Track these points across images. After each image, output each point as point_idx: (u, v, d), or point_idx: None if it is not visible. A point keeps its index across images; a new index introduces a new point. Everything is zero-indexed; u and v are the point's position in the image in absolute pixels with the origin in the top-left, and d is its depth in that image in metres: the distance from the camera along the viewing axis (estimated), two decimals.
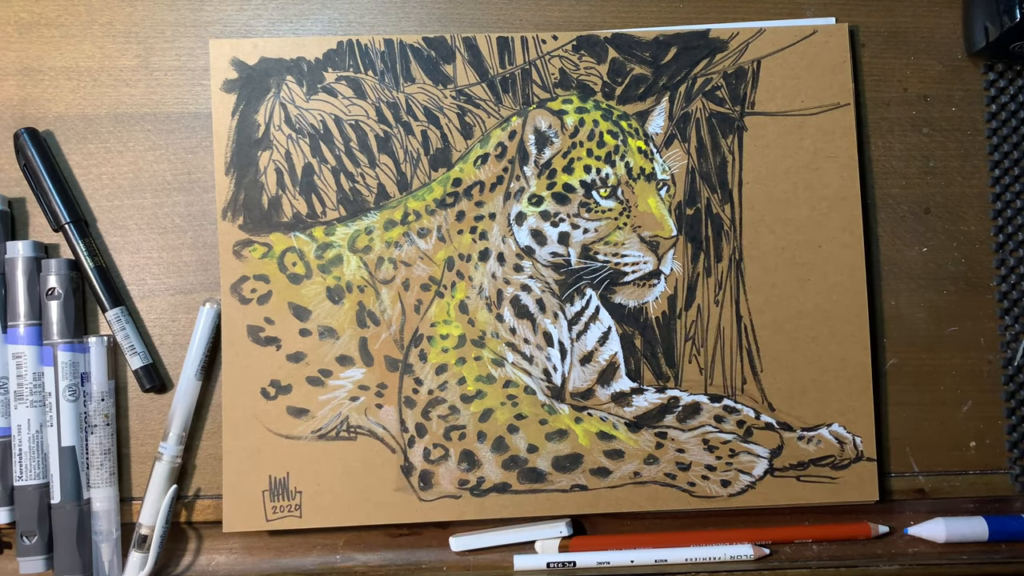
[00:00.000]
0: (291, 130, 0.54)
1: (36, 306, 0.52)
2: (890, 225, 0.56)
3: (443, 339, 0.53)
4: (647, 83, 0.55)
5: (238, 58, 0.54)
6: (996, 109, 0.57)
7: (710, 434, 0.54)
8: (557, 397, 0.54)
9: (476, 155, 0.54)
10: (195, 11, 0.56)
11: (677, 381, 0.54)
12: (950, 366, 0.56)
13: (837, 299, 0.54)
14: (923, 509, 0.56)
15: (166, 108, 0.55)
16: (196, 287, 0.55)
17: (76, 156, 0.55)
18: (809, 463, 0.54)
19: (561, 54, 0.55)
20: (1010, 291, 0.56)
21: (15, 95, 0.55)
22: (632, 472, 0.53)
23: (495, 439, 0.53)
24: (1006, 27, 0.52)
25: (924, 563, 0.53)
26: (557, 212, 0.54)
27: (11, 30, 0.55)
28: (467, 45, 0.55)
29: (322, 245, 0.53)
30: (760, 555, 0.54)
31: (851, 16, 0.57)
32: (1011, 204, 0.56)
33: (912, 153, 0.57)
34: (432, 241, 0.54)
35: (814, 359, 0.54)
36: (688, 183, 0.55)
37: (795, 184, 0.55)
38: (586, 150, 0.54)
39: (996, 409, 0.56)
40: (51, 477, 0.52)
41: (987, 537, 0.54)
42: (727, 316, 0.54)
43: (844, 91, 0.55)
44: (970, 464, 0.56)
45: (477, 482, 0.53)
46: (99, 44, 0.55)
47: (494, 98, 0.55)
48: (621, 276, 0.54)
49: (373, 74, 0.54)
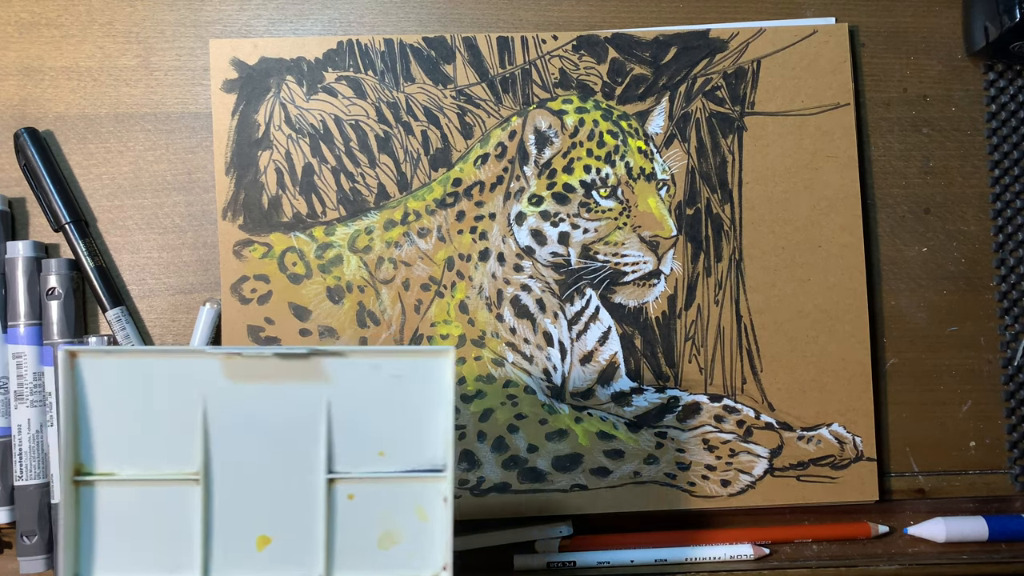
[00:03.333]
0: (291, 130, 0.54)
1: (36, 306, 0.52)
2: (890, 225, 0.56)
3: (443, 339, 0.54)
4: (647, 83, 0.55)
5: (238, 58, 0.54)
6: (996, 109, 0.57)
7: (710, 434, 0.54)
8: (557, 397, 0.54)
9: (476, 155, 0.54)
10: (195, 11, 0.56)
11: (677, 381, 0.54)
12: (950, 366, 0.56)
13: (837, 299, 0.55)
14: (923, 509, 0.56)
15: (166, 108, 0.55)
16: (196, 287, 0.55)
17: (76, 156, 0.55)
18: (809, 463, 0.54)
19: (561, 54, 0.55)
20: (1010, 291, 0.56)
21: (15, 95, 0.55)
22: (632, 472, 0.53)
23: (495, 439, 0.53)
24: (1006, 27, 0.52)
25: (924, 563, 0.53)
26: (557, 212, 0.54)
27: (11, 30, 0.55)
28: (467, 45, 0.55)
29: (322, 245, 0.53)
30: (760, 555, 0.54)
31: (851, 16, 0.57)
32: (1011, 204, 0.56)
33: (912, 153, 0.57)
34: (432, 241, 0.54)
35: (814, 359, 0.54)
36: (688, 183, 0.55)
37: (795, 184, 0.55)
38: (586, 150, 0.54)
39: (996, 409, 0.56)
40: (51, 477, 0.52)
41: (987, 537, 0.54)
42: (727, 316, 0.54)
43: (844, 91, 0.55)
44: (970, 464, 0.56)
45: (477, 482, 0.53)
46: (99, 44, 0.55)
47: (494, 98, 0.55)
48: (621, 276, 0.54)
49: (373, 74, 0.54)
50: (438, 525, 0.40)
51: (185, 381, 0.38)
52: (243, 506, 0.39)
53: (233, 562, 0.39)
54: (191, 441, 0.39)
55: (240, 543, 0.39)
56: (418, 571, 0.40)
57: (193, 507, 0.39)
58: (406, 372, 0.39)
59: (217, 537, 0.39)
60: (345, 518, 0.39)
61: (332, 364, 0.39)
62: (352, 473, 0.39)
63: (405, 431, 0.39)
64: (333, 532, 0.39)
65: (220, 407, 0.39)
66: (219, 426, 0.39)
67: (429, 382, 0.39)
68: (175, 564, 0.39)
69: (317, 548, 0.39)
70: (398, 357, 0.39)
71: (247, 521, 0.39)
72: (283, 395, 0.39)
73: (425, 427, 0.39)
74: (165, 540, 0.39)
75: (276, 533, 0.39)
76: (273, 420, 0.39)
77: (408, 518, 0.40)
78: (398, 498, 0.39)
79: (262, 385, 0.39)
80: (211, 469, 0.39)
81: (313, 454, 0.39)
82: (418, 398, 0.39)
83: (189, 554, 0.39)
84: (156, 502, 0.39)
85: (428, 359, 0.39)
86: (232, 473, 0.39)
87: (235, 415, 0.39)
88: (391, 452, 0.39)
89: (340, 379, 0.39)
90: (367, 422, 0.39)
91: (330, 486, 0.39)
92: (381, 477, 0.39)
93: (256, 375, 0.39)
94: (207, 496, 0.39)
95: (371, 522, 0.39)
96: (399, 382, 0.39)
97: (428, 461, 0.40)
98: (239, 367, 0.39)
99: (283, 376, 0.39)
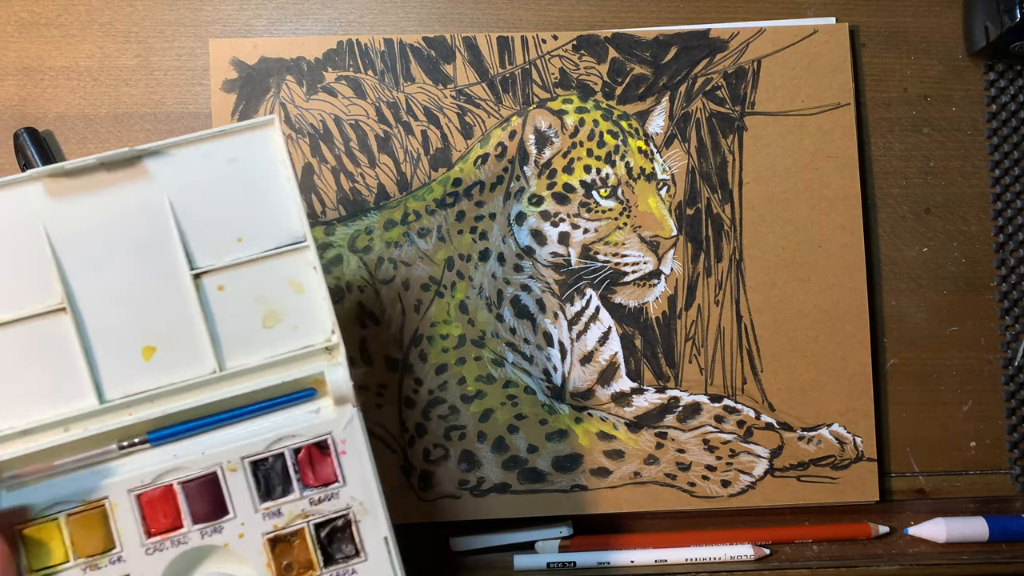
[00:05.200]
0: (291, 130, 0.54)
1: None
2: (890, 225, 0.56)
3: (443, 339, 0.53)
4: (647, 83, 0.55)
5: (238, 58, 0.54)
6: (996, 109, 0.57)
7: (710, 434, 0.54)
8: (557, 397, 0.54)
9: (476, 155, 0.54)
10: (195, 11, 0.56)
11: (677, 381, 0.54)
12: (950, 366, 0.56)
13: (837, 299, 0.54)
14: (923, 509, 0.56)
15: (166, 108, 0.55)
16: None
17: (76, 156, 0.55)
18: (809, 463, 0.54)
19: (561, 54, 0.55)
20: (1010, 291, 0.56)
21: (15, 95, 0.55)
22: (632, 472, 0.53)
23: (495, 439, 0.53)
24: (1006, 27, 0.52)
25: (924, 563, 0.53)
26: (557, 212, 0.54)
27: (11, 30, 0.55)
28: (467, 45, 0.55)
29: (322, 245, 0.53)
30: (760, 555, 0.54)
31: (851, 16, 0.57)
32: (1011, 204, 0.56)
33: (912, 153, 0.57)
34: (432, 241, 0.54)
35: (814, 359, 0.54)
36: (688, 183, 0.55)
37: (795, 184, 0.55)
38: (586, 150, 0.54)
39: (996, 409, 0.56)
40: None
41: (987, 537, 0.54)
42: (727, 316, 0.54)
43: (844, 91, 0.55)
44: (970, 464, 0.56)
45: (477, 482, 0.53)
46: (99, 44, 0.55)
47: (494, 98, 0.55)
48: (621, 276, 0.54)
49: (373, 74, 0.54)
50: (315, 294, 0.40)
51: (20, 213, 0.38)
52: (117, 322, 0.39)
53: (125, 378, 0.39)
54: (46, 272, 0.38)
55: (126, 359, 0.39)
56: (308, 340, 0.40)
57: (68, 336, 0.38)
58: (238, 154, 0.39)
59: (101, 359, 0.39)
60: (221, 309, 0.39)
61: (161, 162, 0.39)
62: (215, 264, 0.39)
63: (256, 213, 0.39)
64: (213, 325, 0.39)
65: (64, 230, 0.38)
66: (69, 250, 0.38)
67: (264, 158, 0.39)
68: (68, 395, 0.39)
69: (203, 344, 0.39)
70: (222, 139, 0.39)
71: (126, 336, 0.39)
72: (123, 204, 0.38)
73: (274, 204, 0.39)
74: (52, 375, 0.38)
75: (158, 341, 0.39)
76: (123, 231, 0.39)
77: (284, 293, 0.40)
78: (268, 278, 0.40)
79: (99, 198, 0.38)
80: (74, 295, 0.38)
81: (172, 255, 0.39)
82: (259, 178, 0.39)
83: (79, 381, 0.39)
84: (31, 341, 0.38)
85: (254, 133, 0.39)
86: (97, 293, 0.39)
87: (83, 235, 0.38)
88: (248, 236, 0.39)
89: (175, 175, 0.39)
90: (217, 212, 0.39)
91: (197, 281, 0.39)
92: (244, 261, 0.39)
93: (89, 189, 0.38)
94: (78, 322, 0.38)
95: (248, 307, 0.39)
96: (235, 166, 0.39)
97: (288, 236, 0.40)
98: (69, 186, 0.38)
99: (117, 184, 0.38)
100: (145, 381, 0.39)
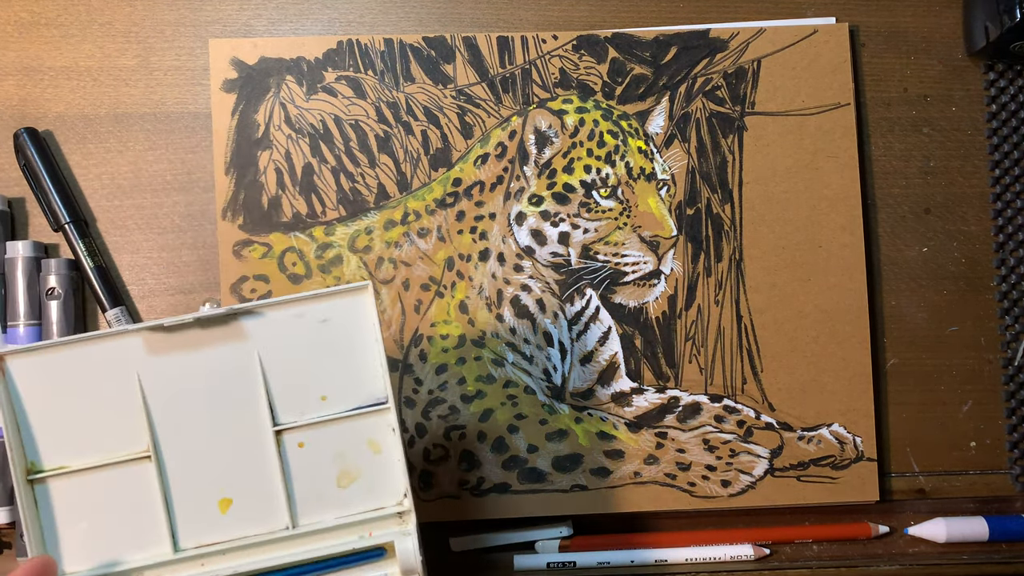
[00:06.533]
0: (291, 130, 0.54)
1: (36, 306, 0.52)
2: (890, 225, 0.56)
3: (443, 339, 0.53)
4: (647, 83, 0.55)
5: (238, 58, 0.54)
6: (996, 109, 0.57)
7: (710, 434, 0.54)
8: (557, 397, 0.54)
9: (476, 155, 0.54)
10: (195, 11, 0.56)
11: (677, 381, 0.54)
12: (950, 366, 0.56)
13: (837, 299, 0.54)
14: (923, 509, 0.56)
15: (166, 108, 0.55)
16: (196, 287, 0.55)
17: (76, 156, 0.55)
18: (809, 463, 0.54)
19: (561, 54, 0.55)
20: (1010, 291, 0.56)
21: (15, 95, 0.55)
22: (632, 472, 0.53)
23: (495, 439, 0.53)
24: (1006, 27, 0.52)
25: (924, 563, 0.53)
26: (557, 212, 0.54)
27: (11, 30, 0.55)
28: (467, 45, 0.55)
29: (322, 245, 0.53)
30: (760, 555, 0.54)
31: (851, 16, 0.57)
32: (1011, 204, 0.56)
33: (912, 153, 0.57)
34: (432, 241, 0.54)
35: (814, 359, 0.54)
36: (688, 183, 0.55)
37: (795, 184, 0.55)
38: (586, 150, 0.54)
39: (996, 409, 0.56)
40: None
41: (987, 537, 0.54)
42: (727, 316, 0.54)
43: (844, 91, 0.55)
44: (970, 464, 0.56)
45: (477, 482, 0.53)
46: (99, 44, 0.55)
47: (494, 98, 0.55)
48: (621, 276, 0.54)
49: (373, 74, 0.54)
50: (391, 455, 0.40)
51: (116, 363, 0.39)
52: (198, 473, 0.39)
53: (200, 528, 0.39)
54: (135, 420, 0.39)
55: (203, 509, 0.39)
56: (381, 502, 0.40)
57: (150, 483, 0.39)
58: (330, 315, 0.39)
59: (179, 508, 0.39)
60: (299, 466, 0.40)
61: (254, 321, 0.39)
62: (298, 422, 0.40)
63: (342, 372, 0.40)
64: (290, 482, 0.40)
65: (156, 381, 0.39)
66: (159, 400, 0.39)
67: (354, 321, 0.40)
68: (145, 541, 0.39)
69: (278, 500, 0.40)
70: (317, 302, 0.39)
71: (205, 487, 0.39)
72: (215, 359, 0.39)
73: (360, 365, 0.40)
74: (130, 520, 0.39)
75: (236, 493, 0.39)
76: (211, 384, 0.39)
77: (361, 454, 0.40)
78: (347, 437, 0.40)
79: (193, 353, 0.39)
80: (160, 443, 0.39)
81: (256, 410, 0.39)
82: (347, 338, 0.40)
83: (156, 529, 0.39)
84: (113, 486, 0.39)
85: (347, 298, 0.39)
86: (181, 443, 0.39)
87: (173, 386, 0.39)
88: (332, 395, 0.40)
89: (266, 334, 0.39)
90: (303, 370, 0.40)
91: (279, 438, 0.40)
92: (326, 420, 0.40)
93: (183, 345, 0.39)
94: (161, 470, 0.39)
95: (325, 465, 0.40)
96: (325, 326, 0.39)
97: (369, 396, 0.40)
98: (164, 340, 0.39)
99: (210, 341, 0.39)
100: (219, 533, 0.39)
